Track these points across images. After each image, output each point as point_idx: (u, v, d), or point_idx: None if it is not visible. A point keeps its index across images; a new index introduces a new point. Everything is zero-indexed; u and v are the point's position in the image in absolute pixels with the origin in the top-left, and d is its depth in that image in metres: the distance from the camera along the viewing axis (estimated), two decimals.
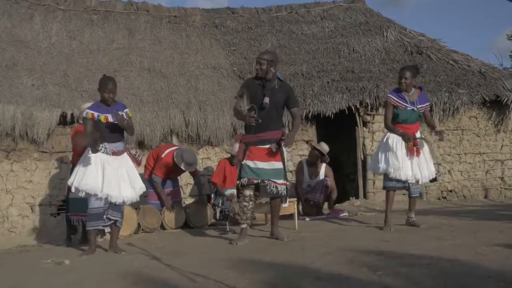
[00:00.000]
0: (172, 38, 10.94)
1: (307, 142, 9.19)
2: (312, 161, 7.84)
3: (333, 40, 11.39)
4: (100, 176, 5.07)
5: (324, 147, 7.92)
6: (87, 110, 5.20)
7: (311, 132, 9.53)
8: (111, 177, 5.10)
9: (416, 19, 53.85)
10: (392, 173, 5.78)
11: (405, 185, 5.88)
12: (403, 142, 5.77)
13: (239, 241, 5.17)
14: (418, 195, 6.08)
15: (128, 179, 5.24)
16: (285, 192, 5.32)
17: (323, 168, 7.90)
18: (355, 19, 12.08)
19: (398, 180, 5.80)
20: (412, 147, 5.76)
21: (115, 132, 5.19)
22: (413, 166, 5.79)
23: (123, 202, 5.23)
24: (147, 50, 10.41)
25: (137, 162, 5.50)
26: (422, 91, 5.98)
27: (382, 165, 5.86)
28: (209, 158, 9.09)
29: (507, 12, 46.83)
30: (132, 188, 5.25)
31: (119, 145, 5.23)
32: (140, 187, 5.36)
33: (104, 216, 5.18)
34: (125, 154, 5.32)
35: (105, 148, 5.14)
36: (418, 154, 5.79)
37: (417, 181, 5.87)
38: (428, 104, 6.03)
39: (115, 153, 5.19)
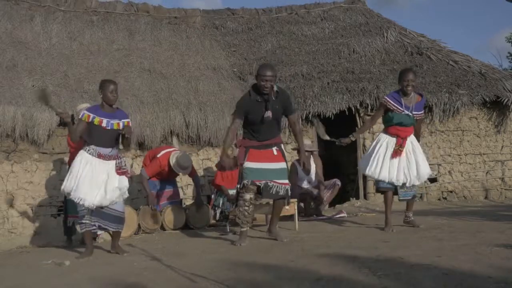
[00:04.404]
0: (172, 39, 10.95)
1: None
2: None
3: (333, 41, 11.41)
4: (77, 178, 5.00)
5: (308, 143, 7.97)
6: (84, 112, 5.14)
7: (311, 133, 9.53)
8: (86, 180, 4.98)
9: (412, 19, 53.94)
10: (371, 173, 5.78)
11: (390, 187, 5.82)
12: (392, 144, 5.75)
13: (242, 242, 5.18)
14: (408, 197, 5.95)
15: (103, 186, 5.04)
16: (288, 192, 5.32)
17: (312, 161, 7.93)
18: (355, 19, 12.10)
19: (387, 182, 5.78)
20: (399, 149, 5.72)
21: (106, 137, 5.08)
22: (399, 168, 5.74)
23: (92, 207, 5.03)
24: (148, 51, 10.41)
25: (121, 172, 5.17)
26: (422, 98, 5.89)
27: (366, 166, 5.86)
28: (209, 159, 9.09)
29: (505, 12, 46.93)
30: (104, 194, 5.04)
31: (107, 150, 5.10)
32: (115, 195, 5.09)
33: (88, 220, 5.09)
34: (113, 162, 5.14)
35: (92, 149, 5.06)
36: (400, 155, 5.73)
37: (404, 184, 5.79)
38: (422, 113, 5.96)
39: (101, 156, 5.07)
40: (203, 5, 55.60)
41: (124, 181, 5.19)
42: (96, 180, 5.02)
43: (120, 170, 5.14)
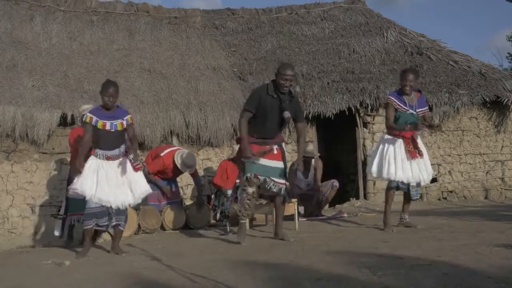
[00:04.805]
0: (172, 39, 10.94)
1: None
2: (305, 164, 7.86)
3: (333, 41, 11.40)
4: (94, 181, 5.04)
5: (310, 148, 7.95)
6: (87, 114, 5.18)
7: (311, 133, 9.53)
8: (104, 182, 5.04)
9: (412, 19, 53.95)
10: (386, 176, 5.77)
11: (405, 187, 5.85)
12: (399, 145, 5.74)
13: (242, 238, 5.19)
14: (418, 197, 6.04)
15: (126, 183, 5.14)
16: (282, 191, 5.33)
17: (312, 166, 7.93)
18: (355, 19, 12.09)
19: (401, 182, 5.77)
20: (413, 150, 5.72)
21: (112, 139, 5.12)
22: (413, 168, 5.76)
23: (121, 206, 5.13)
24: (148, 51, 10.41)
25: (134, 168, 5.25)
26: (421, 95, 5.93)
27: (377, 169, 5.85)
28: (209, 159, 9.09)
29: (505, 12, 46.93)
30: (130, 192, 5.15)
31: (114, 151, 5.16)
32: (142, 190, 5.25)
33: (105, 219, 5.15)
34: (124, 159, 5.19)
35: (99, 154, 5.11)
36: (420, 155, 5.75)
37: (418, 184, 5.84)
38: (426, 108, 5.98)
39: (110, 158, 5.12)
40: (203, 5, 55.64)
41: (141, 184, 5.26)
42: (115, 181, 5.08)
43: (137, 166, 5.18)
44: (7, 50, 9.26)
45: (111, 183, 5.07)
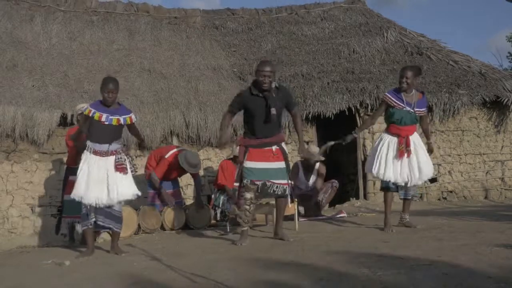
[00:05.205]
0: (173, 39, 10.95)
1: (307, 143, 9.18)
2: (309, 167, 7.85)
3: (333, 41, 11.40)
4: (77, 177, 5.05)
5: (314, 150, 7.93)
6: (87, 106, 5.19)
7: (311, 133, 9.53)
8: (83, 178, 5.00)
9: (412, 19, 53.98)
10: (376, 174, 5.79)
11: (394, 187, 5.84)
12: (395, 143, 5.74)
13: (243, 241, 5.19)
14: (408, 197, 5.95)
15: (105, 182, 5.01)
16: (286, 192, 5.32)
17: (316, 166, 7.92)
18: (355, 19, 12.10)
19: (392, 182, 5.78)
20: (404, 149, 5.71)
21: (104, 133, 5.05)
22: (402, 168, 5.73)
23: (93, 203, 5.00)
24: (148, 51, 10.41)
25: (116, 168, 5.08)
26: (423, 96, 5.90)
27: (372, 167, 5.88)
28: (209, 159, 9.09)
29: (505, 12, 46.95)
30: (107, 191, 5.01)
31: (104, 147, 5.07)
32: (120, 192, 5.06)
33: (92, 219, 5.11)
34: (111, 157, 5.09)
35: (89, 147, 5.07)
36: (408, 155, 5.73)
37: (406, 184, 5.79)
38: (425, 110, 5.93)
39: (97, 153, 5.05)
40: (202, 5, 55.66)
41: (122, 187, 5.10)
42: (93, 177, 5.00)
43: (118, 166, 5.07)
44: (7, 50, 9.27)
45: (89, 178, 4.99)
